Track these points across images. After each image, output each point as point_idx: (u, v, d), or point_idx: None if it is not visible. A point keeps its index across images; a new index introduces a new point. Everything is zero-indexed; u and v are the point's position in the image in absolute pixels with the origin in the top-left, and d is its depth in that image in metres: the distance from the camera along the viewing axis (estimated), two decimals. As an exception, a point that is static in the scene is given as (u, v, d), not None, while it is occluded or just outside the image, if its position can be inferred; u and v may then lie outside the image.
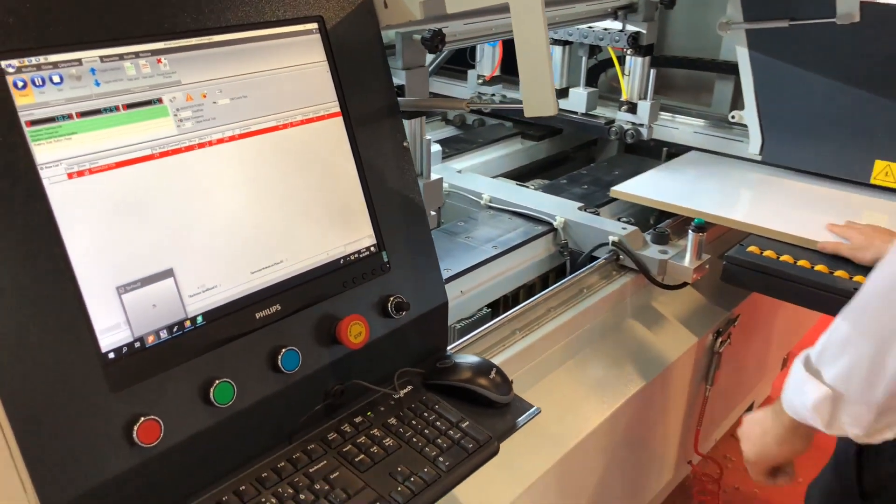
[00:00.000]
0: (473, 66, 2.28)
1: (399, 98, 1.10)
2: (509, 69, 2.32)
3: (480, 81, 2.26)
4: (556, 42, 2.05)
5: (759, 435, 1.04)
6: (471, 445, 0.93)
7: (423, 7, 1.01)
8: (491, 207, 1.83)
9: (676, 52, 2.38)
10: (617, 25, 1.89)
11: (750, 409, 2.59)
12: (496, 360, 1.31)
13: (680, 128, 2.12)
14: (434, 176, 1.40)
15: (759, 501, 2.23)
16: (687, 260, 1.57)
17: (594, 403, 1.44)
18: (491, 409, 1.04)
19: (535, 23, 0.89)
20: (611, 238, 1.63)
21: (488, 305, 1.58)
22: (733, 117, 1.94)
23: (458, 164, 2.09)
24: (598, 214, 1.77)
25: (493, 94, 2.32)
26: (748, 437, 1.06)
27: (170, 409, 0.80)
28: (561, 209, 1.77)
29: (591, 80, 2.32)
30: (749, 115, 1.89)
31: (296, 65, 0.97)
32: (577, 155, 2.51)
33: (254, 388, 0.88)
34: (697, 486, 1.86)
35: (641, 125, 1.96)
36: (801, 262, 1.51)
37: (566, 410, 1.39)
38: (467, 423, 0.96)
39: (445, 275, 1.47)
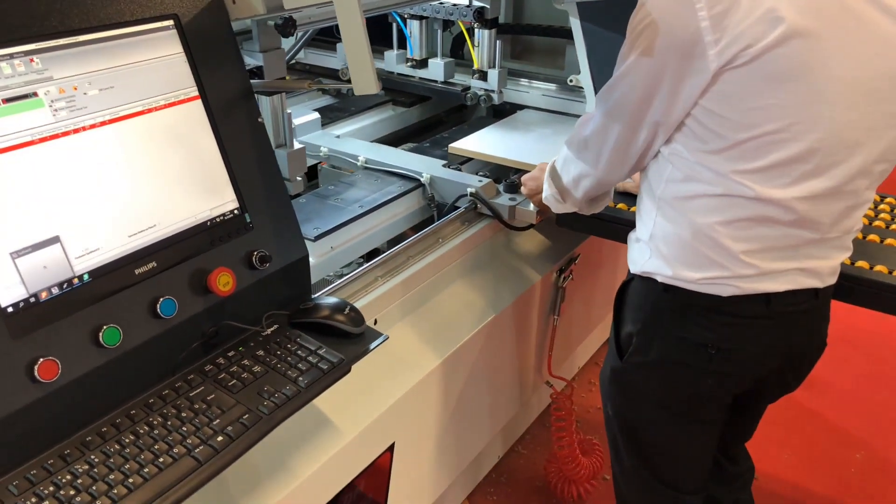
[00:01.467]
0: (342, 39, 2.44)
1: (252, 80, 1.27)
2: (376, 41, 2.50)
3: (348, 54, 2.42)
4: (413, 17, 2.25)
5: (533, 196, 1.76)
6: (326, 367, 1.14)
7: (264, 3, 1.19)
8: (367, 168, 2.03)
9: (536, 20, 2.61)
10: (464, 1, 2.10)
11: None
12: (363, 302, 1.53)
13: (531, 91, 2.37)
14: (297, 145, 1.58)
15: (616, 417, 2.56)
16: (532, 205, 1.83)
17: (453, 333, 1.68)
18: (348, 340, 1.25)
19: (353, 17, 1.08)
20: (469, 189, 1.86)
21: (371, 253, 1.80)
22: (571, 81, 2.20)
23: (336, 131, 2.28)
24: (460, 170, 2.00)
25: (362, 66, 2.49)
26: (529, 195, 1.80)
27: (66, 351, 0.97)
28: (428, 167, 1.99)
29: (457, 50, 2.54)
30: (584, 78, 2.15)
31: (156, 57, 1.13)
32: (449, 118, 2.72)
33: (138, 332, 1.05)
34: (555, 405, 2.15)
35: (492, 91, 2.20)
36: (620, 206, 1.78)
37: (427, 341, 1.63)
38: (324, 349, 1.17)
39: (315, 233, 1.66)
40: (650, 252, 1.33)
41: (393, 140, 2.43)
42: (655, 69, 1.16)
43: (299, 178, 1.59)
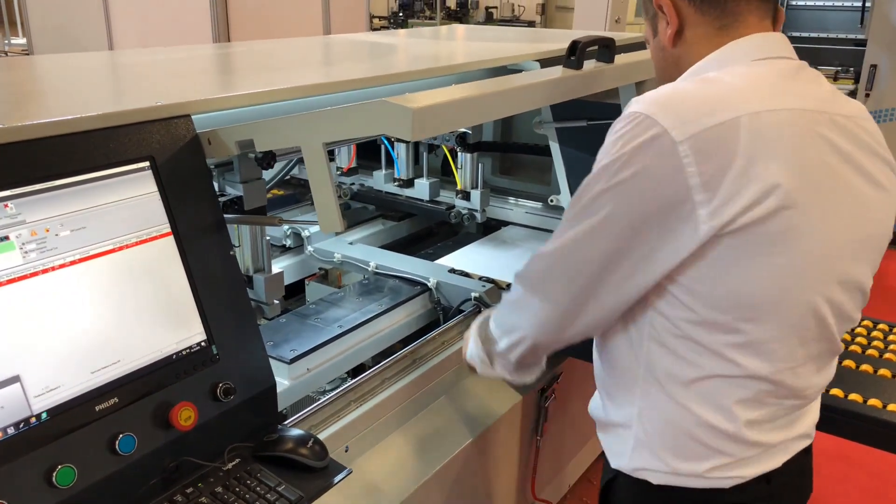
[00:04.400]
0: (333, 159, 2.54)
1: (225, 215, 1.32)
2: (366, 159, 2.60)
3: (339, 172, 2.51)
4: (399, 140, 2.33)
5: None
6: (283, 505, 1.13)
7: (238, 145, 1.24)
8: (378, 273, 2.09)
9: (524, 138, 2.70)
10: (448, 126, 2.19)
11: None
12: (334, 429, 1.52)
13: (514, 209, 2.43)
14: (275, 269, 1.61)
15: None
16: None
17: (428, 459, 1.65)
18: (312, 473, 1.24)
19: (319, 163, 1.13)
20: (472, 294, 1.91)
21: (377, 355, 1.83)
22: (552, 201, 2.26)
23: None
24: (467, 275, 2.04)
25: (353, 184, 2.58)
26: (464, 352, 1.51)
27: (17, 493, 0.97)
28: (434, 272, 2.05)
29: (447, 167, 2.63)
30: (564, 198, 2.21)
31: (130, 197, 1.17)
32: (440, 229, 2.78)
33: (94, 470, 1.05)
34: (541, 529, 2.10)
35: (475, 210, 2.26)
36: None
37: (400, 468, 1.60)
38: (283, 486, 1.16)
39: (291, 355, 1.67)
40: (633, 441, 1.18)
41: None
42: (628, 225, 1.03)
43: (276, 302, 1.62)
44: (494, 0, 10.08)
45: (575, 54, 1.44)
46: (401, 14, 9.76)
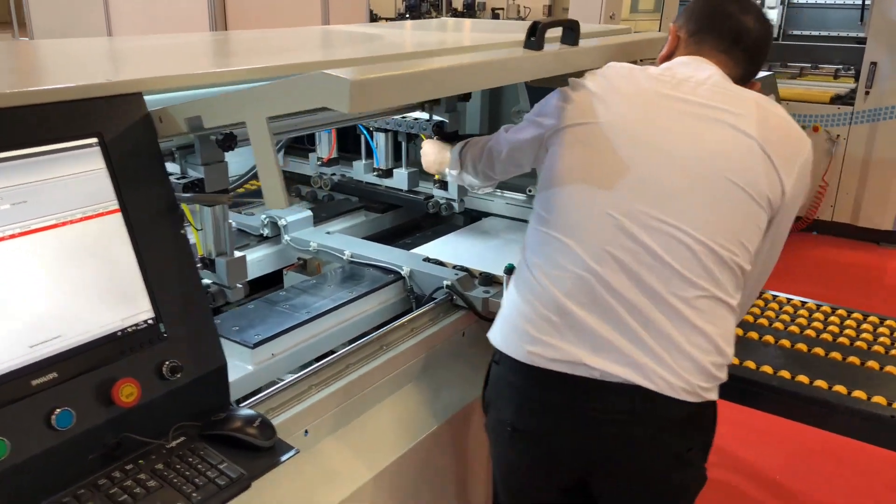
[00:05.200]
0: (314, 149, 2.53)
1: (177, 194, 1.31)
2: (346, 150, 2.60)
3: (319, 163, 2.51)
4: (378, 130, 2.33)
5: (432, 163, 2.03)
6: (223, 482, 1.12)
7: (187, 123, 1.24)
8: (352, 262, 2.09)
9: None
10: (425, 116, 2.18)
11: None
12: (293, 412, 1.50)
13: (494, 200, 2.41)
14: (237, 254, 1.61)
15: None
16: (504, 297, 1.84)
17: (390, 444, 1.64)
18: (258, 453, 1.23)
19: (263, 138, 1.13)
20: (445, 282, 1.89)
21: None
22: (530, 191, 2.24)
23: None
24: (442, 264, 2.03)
25: (334, 174, 2.57)
26: (426, 159, 2.04)
27: (-54, 464, 0.97)
28: (409, 261, 2.05)
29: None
30: (541, 189, 2.19)
31: (76, 172, 1.17)
32: (424, 222, 2.77)
33: (28, 445, 1.04)
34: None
35: (453, 200, 2.24)
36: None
37: (359, 454, 1.59)
38: (225, 464, 1.15)
39: (255, 339, 1.66)
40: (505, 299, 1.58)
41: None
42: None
43: (239, 286, 1.61)
44: (501, 1, 10.06)
45: (535, 35, 1.42)
46: (407, 15, 9.75)
